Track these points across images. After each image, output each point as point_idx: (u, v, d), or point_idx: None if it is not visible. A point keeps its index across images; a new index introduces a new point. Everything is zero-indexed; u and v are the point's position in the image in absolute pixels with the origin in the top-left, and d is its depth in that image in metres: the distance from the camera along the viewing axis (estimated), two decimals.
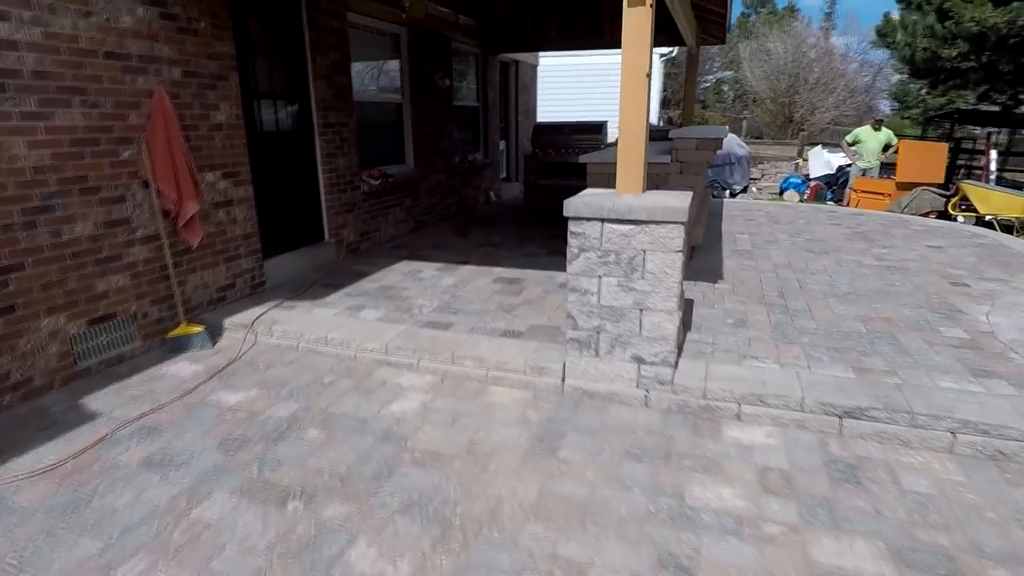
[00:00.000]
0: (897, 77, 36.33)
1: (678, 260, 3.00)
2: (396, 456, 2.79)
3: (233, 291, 4.54)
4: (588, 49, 9.59)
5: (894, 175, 9.64)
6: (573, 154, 8.31)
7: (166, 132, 3.61)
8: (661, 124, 20.79)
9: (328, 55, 5.41)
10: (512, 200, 10.18)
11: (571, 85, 17.01)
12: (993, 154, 9.98)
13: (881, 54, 35.20)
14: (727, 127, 11.36)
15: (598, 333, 3.24)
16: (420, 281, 5.07)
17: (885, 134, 9.53)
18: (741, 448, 2.81)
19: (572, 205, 3.09)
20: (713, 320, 4.02)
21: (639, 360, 3.19)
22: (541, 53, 11.47)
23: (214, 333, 4.10)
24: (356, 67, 6.03)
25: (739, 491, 2.50)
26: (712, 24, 6.84)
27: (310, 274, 5.30)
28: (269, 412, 3.18)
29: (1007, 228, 8.42)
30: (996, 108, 10.85)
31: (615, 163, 5.30)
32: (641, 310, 3.11)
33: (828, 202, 11.42)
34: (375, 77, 6.72)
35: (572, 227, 3.14)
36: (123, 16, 3.44)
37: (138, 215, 3.69)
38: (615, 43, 10.10)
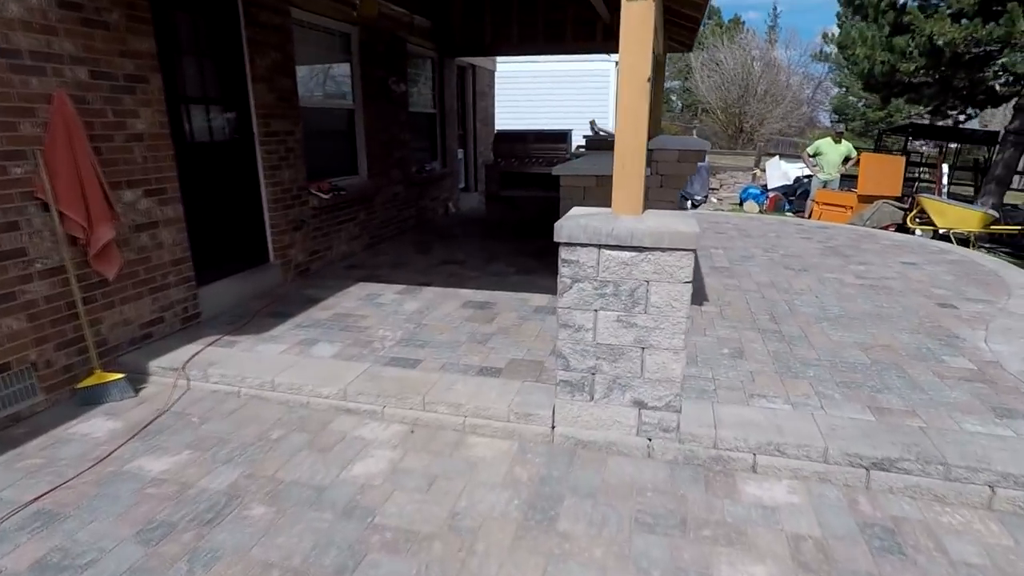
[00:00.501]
0: (836, 91, 37.94)
1: (686, 292, 2.63)
2: (362, 538, 2.29)
3: (161, 327, 3.91)
4: (550, 54, 9.28)
5: (854, 187, 9.71)
6: (537, 164, 7.94)
7: (69, 144, 2.99)
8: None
9: (269, 55, 4.84)
10: (472, 211, 9.73)
11: (529, 92, 16.73)
12: (945, 168, 10.21)
13: (821, 67, 36.68)
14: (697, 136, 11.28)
15: (593, 374, 2.83)
16: (380, 307, 4.56)
17: (845, 146, 9.60)
18: (764, 510, 2.45)
19: (565, 229, 2.68)
20: (708, 350, 3.69)
21: (640, 404, 2.80)
22: (499, 58, 11.10)
23: (138, 380, 3.48)
24: (302, 70, 5.47)
25: (773, 570, 2.13)
26: (683, 30, 6.61)
27: (253, 302, 4.70)
28: (203, 483, 2.62)
29: (962, 242, 8.56)
30: (947, 123, 11.20)
31: (594, 176, 4.95)
32: (643, 348, 2.73)
33: (787, 213, 11.47)
34: (323, 81, 6.16)
35: (564, 253, 2.73)
36: (8, 3, 2.81)
37: (36, 244, 3.05)
38: (577, 48, 9.86)
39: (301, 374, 3.37)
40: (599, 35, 7.86)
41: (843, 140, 9.67)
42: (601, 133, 17.77)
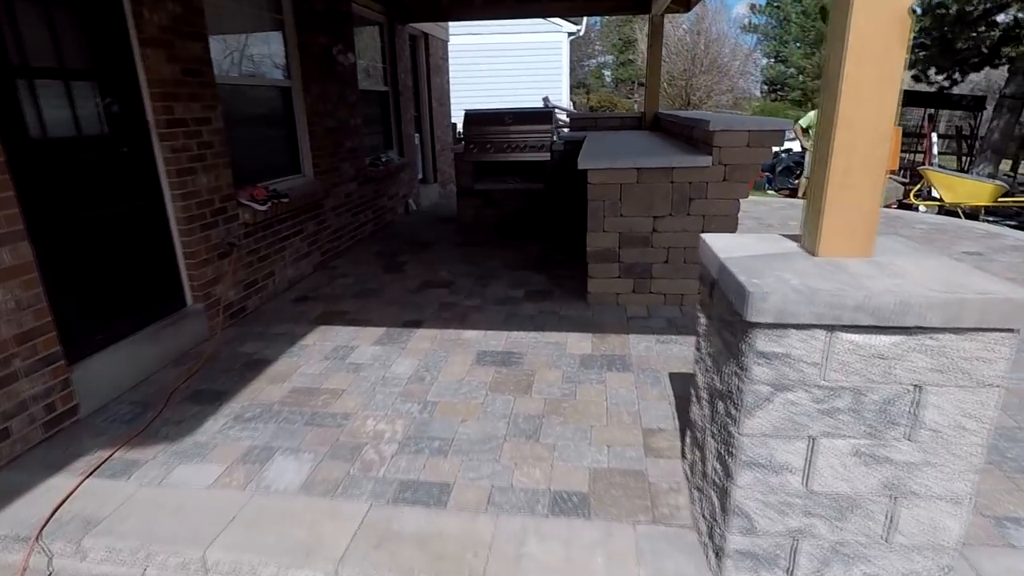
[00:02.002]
0: (766, 61, 38.17)
1: (991, 402, 1.43)
2: None
3: (6, 445, 2.39)
4: (521, 17, 7.93)
5: None
6: (517, 150, 6.60)
7: None
8: (575, 110, 19.65)
9: (164, 4, 3.27)
10: (435, 207, 8.28)
11: (476, 69, 15.20)
12: (935, 137, 9.61)
13: (749, 38, 36.70)
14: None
15: (796, 540, 1.61)
16: (359, 372, 3.16)
17: None
18: None
19: (772, 297, 1.42)
20: None
21: None
22: (453, 26, 9.59)
23: None
24: (219, 39, 3.89)
25: None
26: None
27: (167, 373, 3.19)
28: None
29: (969, 216, 7.92)
30: (931, 89, 10.69)
31: (634, 168, 3.68)
32: (894, 497, 1.52)
33: (768, 191, 10.66)
34: (248, 50, 4.57)
35: (760, 342, 1.47)
36: None
37: None
38: (556, 10, 8.50)
39: (253, 540, 1.97)
40: None
41: None
42: (556, 110, 16.55)
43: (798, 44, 30.28)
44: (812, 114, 9.06)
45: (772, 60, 35.87)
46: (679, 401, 2.76)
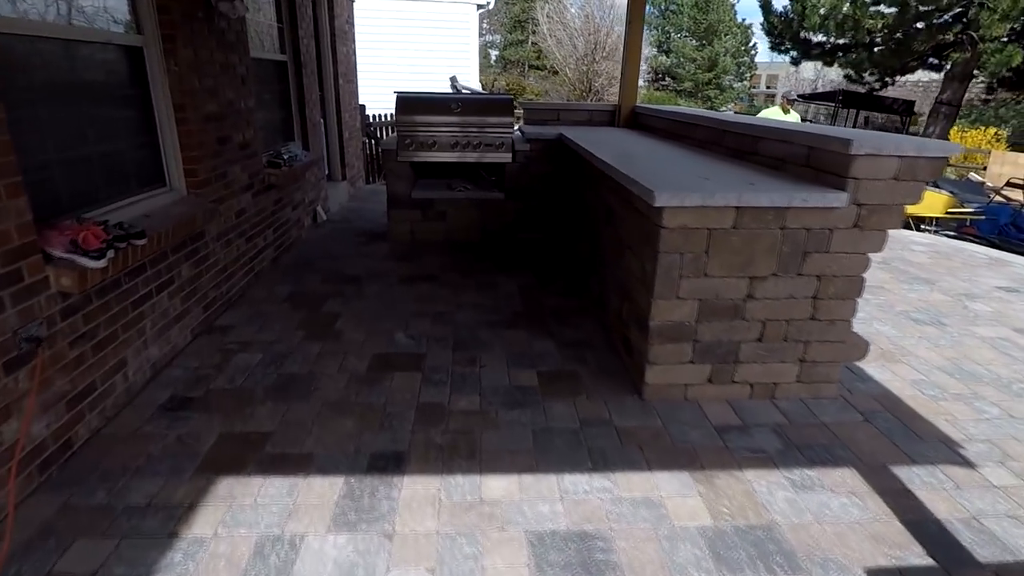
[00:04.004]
0: (650, 52, 38.77)
1: None
2: None
3: None
4: None
5: None
6: (472, 149, 5.09)
7: None
8: (492, 92, 18.10)
9: None
10: (348, 214, 6.49)
11: (385, 42, 13.11)
12: None
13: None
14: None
15: None
16: None
17: (795, 117, 8.16)
18: None
19: None
20: None
21: None
22: None
23: None
24: None
25: None
26: None
27: None
28: None
29: (917, 228, 7.66)
30: (862, 90, 10.55)
31: (731, 207, 2.39)
32: None
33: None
34: None
35: None
36: None
37: None
38: None
39: None
40: None
41: (792, 110, 8.22)
42: (464, 92, 14.92)
43: (687, 35, 30.80)
44: (767, 112, 8.39)
45: (656, 51, 36.47)
46: None
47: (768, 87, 42.71)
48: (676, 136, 4.50)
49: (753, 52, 36.51)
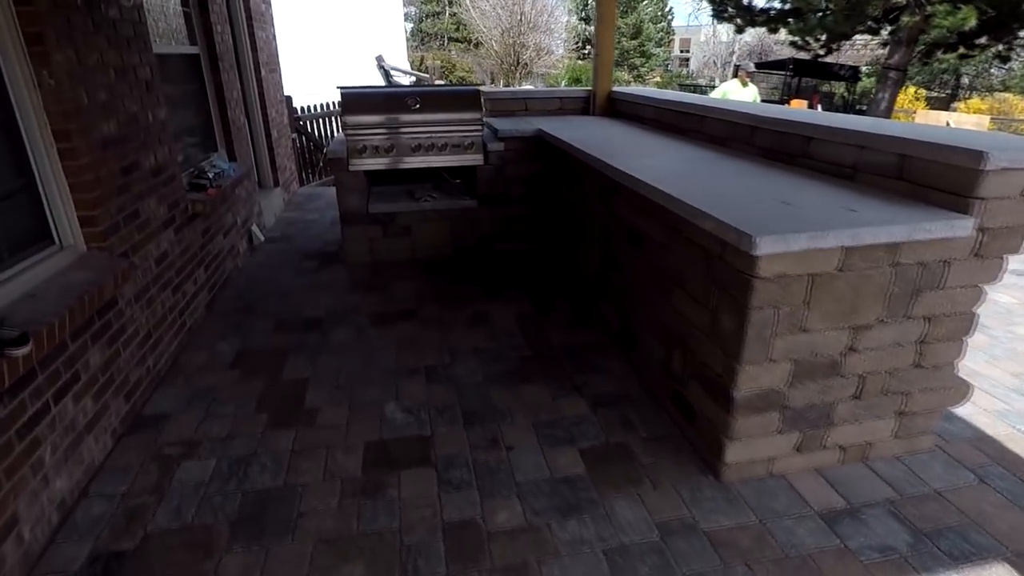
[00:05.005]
0: (567, 19, 38.13)
1: None
2: None
3: None
4: None
5: None
6: (436, 151, 4.34)
7: None
8: (425, 74, 17.06)
9: None
10: (287, 228, 5.58)
11: (317, 23, 11.76)
12: (819, 108, 9.22)
13: None
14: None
15: None
16: None
17: (752, 90, 7.81)
18: None
19: None
20: None
21: None
22: None
23: None
24: None
25: None
26: None
27: None
28: None
29: None
30: (807, 56, 10.37)
31: (842, 249, 1.81)
32: None
33: None
34: None
35: None
36: None
37: None
38: None
39: None
40: None
41: (750, 83, 7.86)
42: (393, 73, 13.82)
43: None
44: (726, 86, 7.98)
45: (577, 19, 35.84)
46: None
47: (682, 51, 43.10)
48: (676, 129, 3.94)
49: (670, 17, 36.62)
